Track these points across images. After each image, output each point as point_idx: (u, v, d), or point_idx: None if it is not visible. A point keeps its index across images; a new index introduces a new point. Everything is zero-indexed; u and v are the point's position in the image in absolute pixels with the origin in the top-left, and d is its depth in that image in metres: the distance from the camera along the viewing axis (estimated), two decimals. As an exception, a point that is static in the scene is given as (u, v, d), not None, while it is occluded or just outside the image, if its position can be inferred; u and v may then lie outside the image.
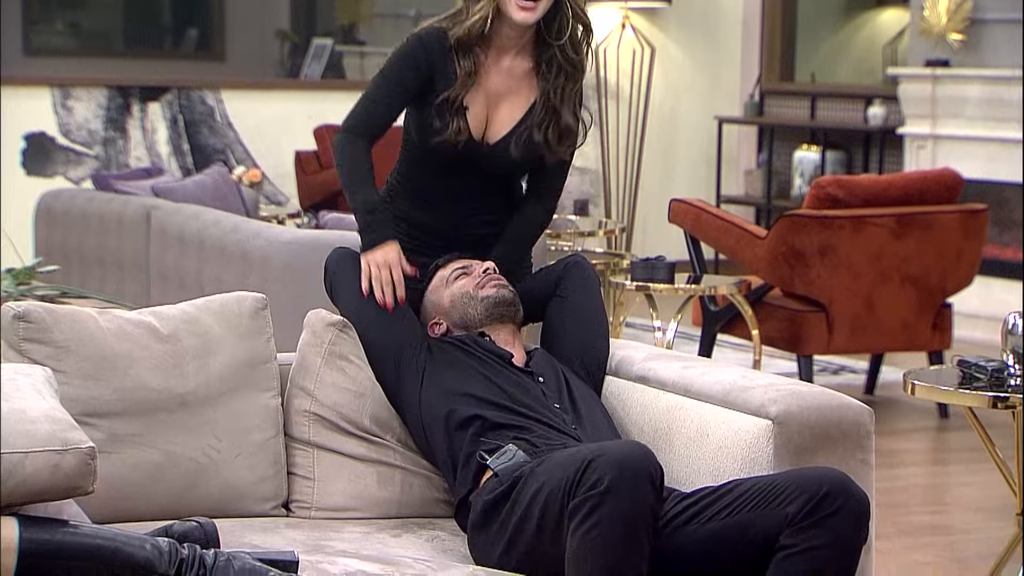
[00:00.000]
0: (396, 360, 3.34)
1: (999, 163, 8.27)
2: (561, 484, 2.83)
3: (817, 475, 2.91)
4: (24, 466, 2.56)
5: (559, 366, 3.38)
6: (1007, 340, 3.85)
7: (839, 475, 2.91)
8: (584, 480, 2.77)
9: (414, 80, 3.44)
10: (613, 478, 2.74)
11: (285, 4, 10.43)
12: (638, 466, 2.77)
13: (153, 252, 6.35)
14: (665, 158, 10.11)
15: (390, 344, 3.35)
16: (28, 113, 8.78)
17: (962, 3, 8.43)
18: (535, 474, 2.96)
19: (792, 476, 2.93)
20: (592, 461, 2.77)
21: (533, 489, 2.93)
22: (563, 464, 2.87)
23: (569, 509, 2.79)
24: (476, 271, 3.43)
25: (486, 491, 3.08)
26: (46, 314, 3.12)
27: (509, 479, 3.03)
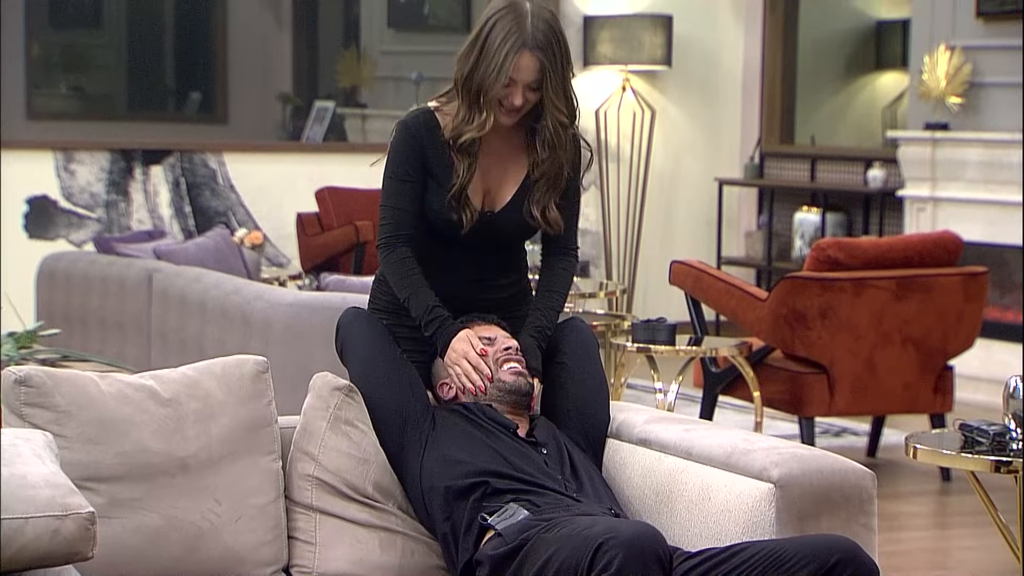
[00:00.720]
0: (400, 426, 3.34)
1: (999, 226, 8.28)
2: (572, 561, 2.82)
3: (826, 543, 2.90)
4: (24, 532, 2.56)
5: (560, 436, 3.37)
6: (1008, 404, 3.84)
7: (849, 544, 2.90)
8: (595, 562, 2.77)
9: (416, 165, 3.45)
10: (623, 561, 2.74)
11: (287, 67, 10.48)
12: (647, 549, 2.77)
13: (155, 314, 6.35)
14: (666, 220, 10.13)
15: (396, 410, 3.35)
16: (31, 177, 8.81)
17: (961, 67, 8.47)
18: (544, 540, 2.95)
19: (800, 543, 2.91)
20: (603, 544, 2.77)
21: (542, 558, 2.92)
22: (573, 540, 2.86)
23: None
24: (498, 346, 3.41)
25: (490, 548, 3.06)
26: (47, 378, 3.11)
27: (515, 539, 3.02)
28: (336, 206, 8.80)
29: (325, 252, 8.63)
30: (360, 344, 3.42)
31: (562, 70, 3.40)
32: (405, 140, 3.46)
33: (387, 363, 3.39)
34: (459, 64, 3.42)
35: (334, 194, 8.87)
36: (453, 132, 3.41)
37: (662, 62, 9.78)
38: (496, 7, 3.40)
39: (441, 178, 3.45)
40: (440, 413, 3.37)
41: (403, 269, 3.45)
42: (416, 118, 3.47)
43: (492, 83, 3.36)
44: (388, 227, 3.48)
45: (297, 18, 10.36)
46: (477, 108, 3.39)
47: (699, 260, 7.22)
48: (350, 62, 10.36)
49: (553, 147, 3.44)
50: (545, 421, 3.41)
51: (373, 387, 3.37)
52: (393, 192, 3.47)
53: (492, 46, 3.36)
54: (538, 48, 3.35)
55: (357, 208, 8.69)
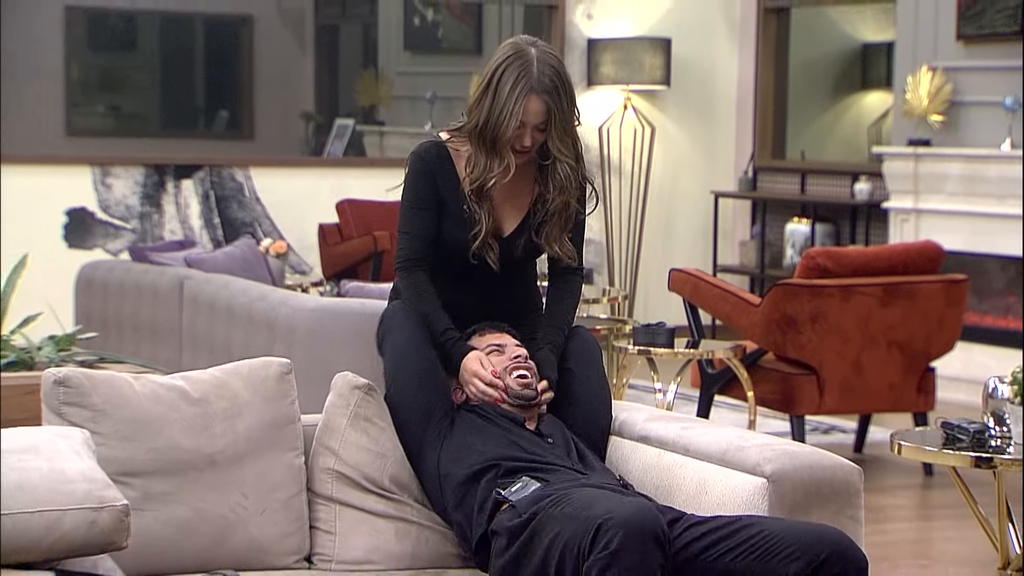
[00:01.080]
0: (424, 422, 3.33)
1: (979, 236, 8.27)
2: (575, 541, 2.82)
3: (818, 536, 2.88)
4: (63, 523, 2.56)
5: (567, 431, 3.37)
6: (988, 403, 3.83)
7: (840, 538, 2.89)
8: (596, 542, 2.76)
9: (431, 193, 3.45)
10: (621, 540, 2.74)
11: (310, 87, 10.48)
12: (646, 528, 2.76)
13: (185, 319, 6.35)
14: (665, 230, 10.12)
15: (422, 406, 3.34)
16: (70, 190, 8.81)
17: (942, 87, 8.46)
18: (551, 517, 2.95)
19: (796, 531, 2.90)
20: (602, 524, 2.76)
21: (549, 536, 2.92)
22: (576, 520, 2.85)
23: (584, 571, 2.77)
24: (508, 354, 3.41)
25: (506, 519, 3.06)
26: (85, 379, 3.11)
27: (527, 510, 3.01)
28: (355, 217, 8.80)
29: (345, 260, 8.62)
30: (400, 339, 3.40)
31: (567, 111, 3.38)
32: (419, 170, 3.45)
33: (421, 361, 3.37)
34: (472, 114, 3.40)
35: (353, 206, 8.87)
36: (476, 182, 3.39)
37: (661, 82, 9.78)
38: (504, 55, 3.38)
39: (453, 207, 3.44)
40: (459, 413, 3.37)
41: (419, 292, 3.44)
42: (428, 150, 3.46)
43: (505, 129, 3.34)
44: (405, 251, 3.48)
45: (319, 42, 10.36)
46: (495, 155, 3.37)
47: (696, 268, 7.20)
48: (368, 82, 10.36)
49: (562, 188, 3.43)
50: (552, 417, 3.41)
51: (405, 381, 3.36)
52: (410, 219, 3.46)
53: (503, 93, 3.34)
54: (545, 92, 3.34)
55: (375, 219, 8.69)
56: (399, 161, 3.57)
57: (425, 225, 3.45)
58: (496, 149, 3.37)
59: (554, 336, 3.48)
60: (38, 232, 8.60)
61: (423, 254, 3.46)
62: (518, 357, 3.39)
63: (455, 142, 3.46)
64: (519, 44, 3.38)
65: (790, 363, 6.41)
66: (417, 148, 3.49)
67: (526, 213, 3.47)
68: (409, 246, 3.47)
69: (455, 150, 3.46)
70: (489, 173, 3.38)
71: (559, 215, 3.45)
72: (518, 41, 3.40)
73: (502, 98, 3.34)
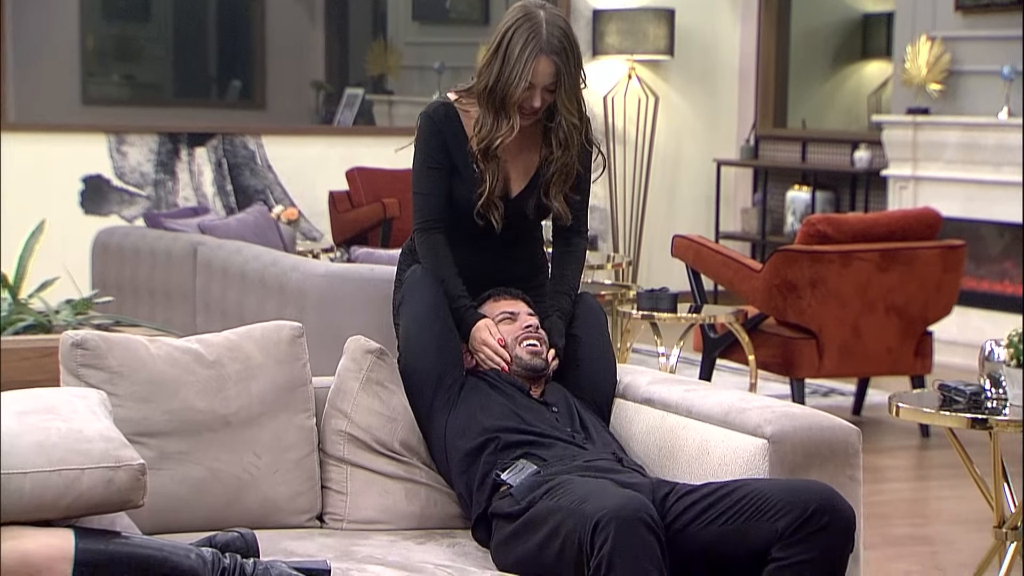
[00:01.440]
0: (435, 387, 3.33)
1: (975, 202, 8.26)
2: (574, 535, 2.84)
3: (806, 490, 2.90)
4: (81, 481, 2.57)
5: (571, 398, 3.38)
6: (984, 366, 3.83)
7: (827, 491, 2.89)
8: (595, 541, 2.79)
9: (443, 153, 3.43)
10: (616, 535, 2.76)
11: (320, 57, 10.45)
12: (635, 516, 2.79)
13: (199, 284, 6.35)
14: (668, 197, 10.11)
15: (433, 374, 3.34)
16: (86, 157, 8.81)
17: (941, 56, 8.43)
18: (547, 508, 2.96)
19: (785, 489, 2.91)
20: (598, 522, 2.79)
21: (547, 527, 2.93)
22: (573, 515, 2.88)
23: (591, 568, 2.80)
24: (519, 323, 3.41)
25: (505, 506, 3.08)
26: (101, 342, 3.12)
27: (524, 498, 3.03)
28: (365, 185, 8.79)
29: (355, 227, 8.62)
30: (419, 303, 3.40)
31: (575, 72, 3.38)
32: (430, 130, 3.44)
33: (439, 327, 3.37)
34: (481, 76, 3.38)
35: (363, 174, 8.86)
36: (483, 141, 3.38)
37: (665, 52, 9.75)
38: (513, 17, 3.37)
39: (461, 167, 3.43)
40: (468, 381, 3.37)
41: (437, 256, 3.43)
42: (437, 110, 3.45)
43: (514, 89, 3.33)
44: (422, 212, 3.46)
45: (329, 12, 10.33)
46: (504, 115, 3.37)
47: (699, 235, 7.20)
48: (378, 52, 10.34)
49: (566, 146, 3.42)
50: (556, 385, 3.42)
51: (420, 345, 3.36)
52: (424, 179, 3.45)
53: (512, 54, 3.33)
54: (554, 52, 3.33)
55: (384, 187, 8.68)
56: (408, 130, 3.57)
57: (439, 184, 3.44)
58: (504, 109, 3.36)
59: (562, 302, 3.48)
60: (55, 199, 8.61)
61: (440, 214, 3.44)
62: (529, 327, 3.39)
63: (464, 103, 3.45)
64: (528, 7, 3.38)
65: (790, 327, 6.41)
66: (426, 109, 3.48)
67: (534, 175, 3.47)
68: (425, 205, 3.45)
69: (464, 111, 3.44)
70: (496, 133, 3.37)
71: (562, 172, 3.44)
72: (527, 4, 3.39)
73: (512, 59, 3.33)
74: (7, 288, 4.69)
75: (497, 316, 3.42)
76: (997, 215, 8.15)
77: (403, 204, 8.44)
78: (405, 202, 8.64)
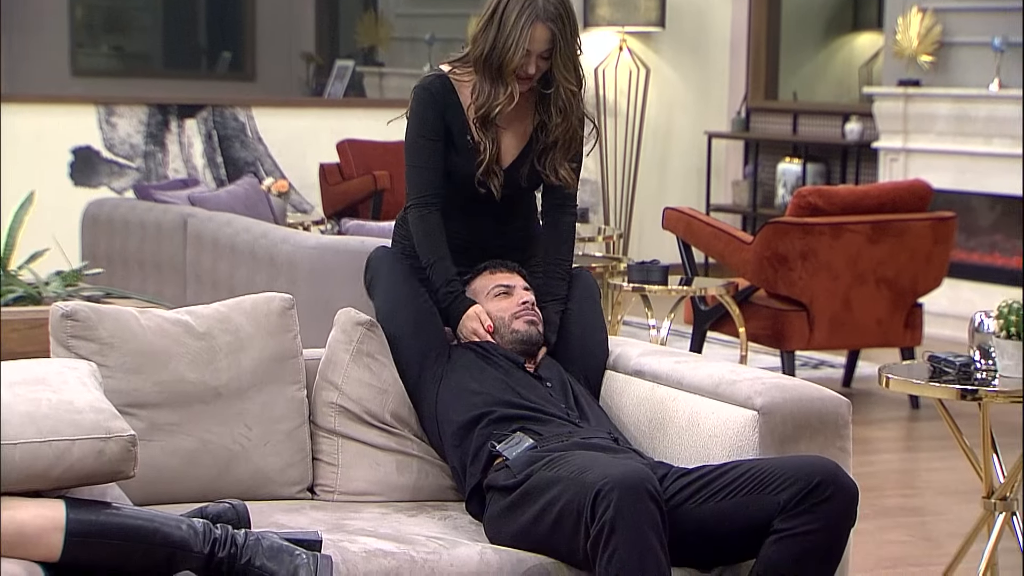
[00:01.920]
0: (420, 364, 3.33)
1: (966, 175, 8.26)
2: (574, 504, 2.84)
3: (810, 464, 2.90)
4: (71, 452, 2.57)
5: (565, 374, 3.37)
6: (974, 337, 3.84)
7: (831, 465, 2.90)
8: (596, 508, 2.78)
9: (439, 125, 3.41)
10: (618, 502, 2.76)
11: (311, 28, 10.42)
12: (639, 486, 2.78)
13: (189, 256, 6.34)
14: (659, 170, 10.10)
15: (416, 348, 3.34)
16: (75, 129, 8.78)
17: (932, 27, 8.42)
18: (545, 479, 2.95)
19: (786, 463, 2.91)
20: (600, 490, 2.78)
21: (546, 497, 2.92)
22: (573, 484, 2.87)
23: (590, 542, 2.79)
24: (515, 299, 3.40)
25: (501, 479, 3.07)
26: (91, 313, 3.11)
27: (521, 471, 3.03)
28: (356, 157, 8.77)
29: (346, 199, 8.61)
30: (388, 280, 3.40)
31: (571, 39, 3.36)
32: (426, 101, 3.41)
33: (413, 301, 3.37)
34: (476, 43, 3.37)
35: (354, 146, 8.84)
36: (481, 109, 3.36)
37: (656, 24, 9.73)
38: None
39: (457, 138, 3.41)
40: (456, 350, 3.37)
41: (431, 233, 3.41)
42: (432, 82, 3.43)
43: (511, 56, 3.32)
44: (418, 187, 3.42)
45: (320, -17, 10.30)
46: (501, 82, 3.35)
47: (690, 207, 7.20)
48: (368, 24, 10.31)
49: (565, 113, 3.41)
50: (550, 360, 3.41)
51: (398, 322, 3.36)
52: (420, 151, 3.42)
53: (508, 21, 3.31)
54: (550, 19, 3.32)
55: (375, 159, 8.66)
56: (399, 102, 3.55)
57: (434, 157, 3.41)
58: (501, 77, 3.34)
59: (558, 288, 3.47)
60: (45, 170, 8.59)
61: (436, 189, 3.41)
62: (525, 303, 3.39)
63: (457, 73, 3.43)
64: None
65: (781, 299, 6.42)
66: (421, 81, 3.45)
67: (527, 142, 3.46)
68: (420, 179, 3.42)
69: (459, 81, 3.42)
70: (494, 101, 3.35)
71: (563, 140, 3.43)
72: None
73: (507, 26, 3.31)
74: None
75: (492, 289, 3.41)
76: (988, 187, 8.16)
77: (394, 176, 8.43)
78: (396, 174, 8.63)
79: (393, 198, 8.38)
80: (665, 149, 10.12)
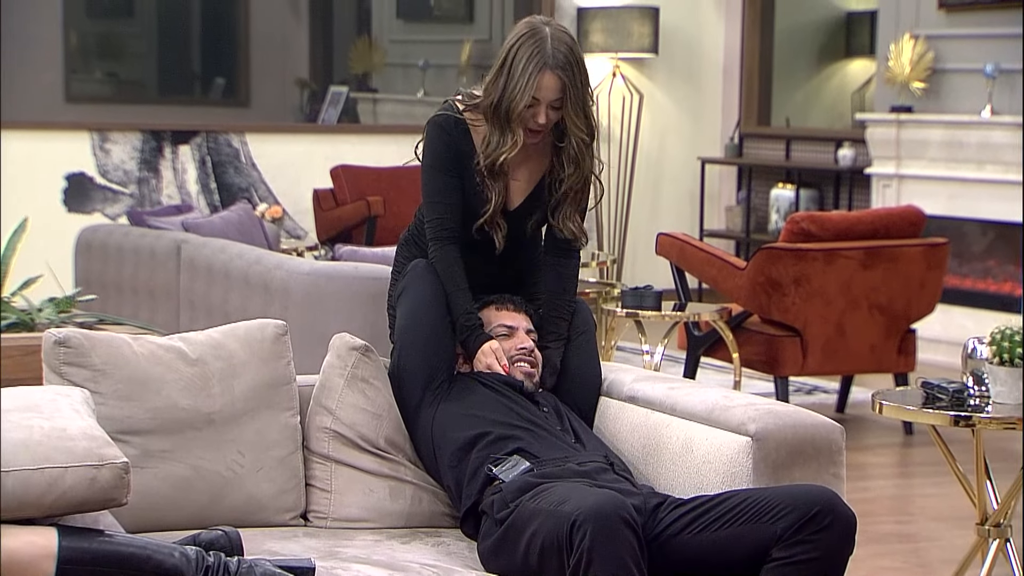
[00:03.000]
0: (425, 382, 3.33)
1: (958, 200, 8.28)
2: (552, 537, 2.85)
3: (807, 493, 2.89)
4: (64, 479, 2.56)
5: (560, 405, 3.38)
6: (967, 363, 3.84)
7: (829, 493, 2.90)
8: (573, 540, 2.79)
9: (452, 160, 3.40)
10: (594, 533, 2.76)
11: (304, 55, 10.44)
12: (611, 514, 2.79)
13: (183, 282, 6.34)
14: (653, 195, 10.12)
15: (423, 371, 3.34)
16: (69, 155, 8.79)
17: (924, 54, 8.45)
18: (528, 511, 2.96)
19: (784, 492, 2.91)
20: (575, 521, 2.80)
21: (529, 531, 2.93)
22: (551, 517, 2.88)
23: (570, 573, 2.79)
24: (515, 342, 3.40)
25: (495, 508, 3.07)
26: (84, 340, 3.11)
27: (513, 499, 3.03)
28: (349, 183, 8.78)
29: (339, 225, 8.61)
30: (418, 296, 3.38)
31: (582, 88, 3.35)
32: (441, 137, 3.41)
33: (434, 322, 3.36)
34: (487, 92, 3.35)
35: (347, 171, 8.85)
36: (488, 159, 3.36)
37: (649, 50, 9.75)
38: (518, 33, 3.35)
39: (467, 182, 3.41)
40: (458, 378, 3.37)
41: (449, 266, 3.40)
42: (447, 120, 3.42)
43: (518, 103, 3.30)
44: (437, 222, 3.41)
45: (313, 9, 10.32)
46: (507, 130, 3.34)
47: (683, 232, 7.21)
48: (362, 50, 10.33)
49: (577, 163, 3.42)
50: (547, 392, 3.41)
51: (414, 339, 3.35)
52: (438, 186, 3.41)
53: (516, 69, 3.31)
54: (559, 68, 3.31)
55: (369, 184, 8.67)
56: (392, 127, 3.56)
57: (453, 191, 3.40)
58: (509, 125, 3.34)
59: (560, 327, 3.46)
60: (38, 196, 8.58)
61: (454, 223, 3.41)
62: (524, 348, 3.39)
63: (471, 116, 3.41)
64: (534, 23, 3.36)
65: (774, 325, 6.42)
66: (436, 117, 3.44)
67: (535, 187, 3.44)
68: (441, 215, 3.41)
69: (473, 126, 3.41)
70: (500, 149, 3.35)
71: (573, 192, 3.43)
72: (532, 20, 3.37)
73: (516, 74, 3.30)
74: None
75: (495, 327, 3.42)
76: (980, 213, 8.17)
77: (387, 202, 8.44)
78: (390, 200, 8.64)
79: (387, 223, 8.38)
80: (658, 174, 10.13)
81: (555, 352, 3.43)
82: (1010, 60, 8.03)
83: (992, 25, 8.15)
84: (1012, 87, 8.03)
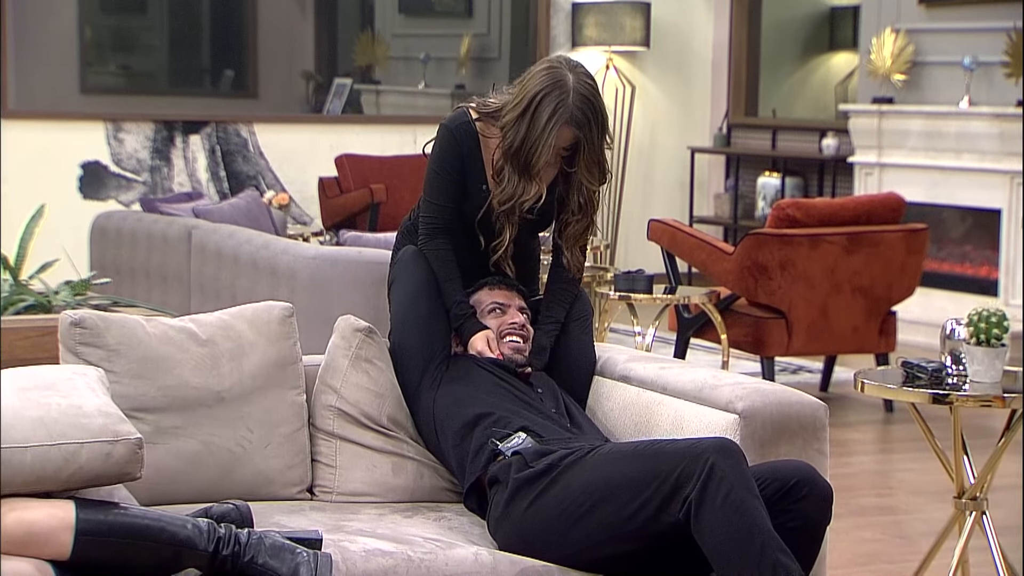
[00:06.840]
0: (424, 364, 3.32)
1: (938, 188, 8.28)
2: (642, 486, 2.82)
3: (785, 467, 2.91)
4: (80, 455, 2.57)
5: (557, 387, 3.37)
6: (945, 344, 3.85)
7: (806, 467, 2.91)
8: (685, 474, 2.77)
9: (458, 165, 3.39)
10: (716, 461, 2.76)
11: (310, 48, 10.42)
12: (733, 447, 2.80)
13: (193, 267, 6.34)
14: (644, 183, 10.11)
15: (423, 349, 3.33)
16: (84, 144, 8.78)
17: (905, 47, 8.44)
18: (582, 465, 2.92)
19: (766, 467, 2.92)
20: (690, 459, 2.78)
21: (582, 480, 2.89)
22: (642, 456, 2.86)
23: (691, 500, 2.76)
24: (507, 319, 3.38)
25: (514, 470, 3.01)
26: (99, 321, 3.11)
27: (537, 460, 2.99)
28: (353, 171, 8.77)
29: (344, 212, 8.61)
30: (410, 282, 3.37)
31: (598, 142, 3.31)
32: (449, 143, 3.38)
33: (428, 306, 3.35)
34: (509, 134, 3.29)
35: (351, 160, 8.84)
36: (506, 203, 3.33)
37: (641, 43, 9.74)
38: (542, 83, 3.26)
39: (471, 184, 3.39)
40: (455, 359, 3.36)
41: (440, 257, 3.39)
42: (459, 126, 3.38)
43: (538, 157, 3.27)
44: (430, 219, 3.40)
45: (319, 5, 10.30)
46: (528, 178, 3.30)
47: (674, 219, 7.20)
48: (365, 44, 10.31)
49: (585, 211, 3.40)
50: (543, 374, 3.40)
51: (409, 323, 3.34)
52: (437, 188, 3.40)
53: (539, 121, 3.24)
54: (576, 124, 3.25)
55: (372, 173, 8.66)
56: (394, 118, 3.55)
57: (452, 195, 3.38)
58: (529, 174, 3.30)
59: (557, 312, 3.44)
60: (55, 184, 8.58)
61: (447, 223, 3.40)
62: (514, 323, 3.38)
63: (483, 125, 3.38)
64: (558, 71, 3.28)
65: (761, 308, 6.43)
66: (449, 123, 3.41)
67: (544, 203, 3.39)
68: (434, 214, 3.40)
69: (484, 136, 3.38)
70: (523, 197, 3.32)
71: (577, 234, 3.42)
72: (556, 66, 3.30)
73: (538, 127, 3.25)
74: (8, 270, 4.67)
75: (487, 305, 3.40)
76: (958, 200, 8.18)
77: (390, 189, 8.43)
78: (392, 188, 8.63)
79: (389, 210, 8.38)
80: (650, 163, 10.13)
81: (545, 335, 3.41)
82: (987, 53, 8.02)
83: (970, 19, 8.14)
84: (989, 79, 8.03)
